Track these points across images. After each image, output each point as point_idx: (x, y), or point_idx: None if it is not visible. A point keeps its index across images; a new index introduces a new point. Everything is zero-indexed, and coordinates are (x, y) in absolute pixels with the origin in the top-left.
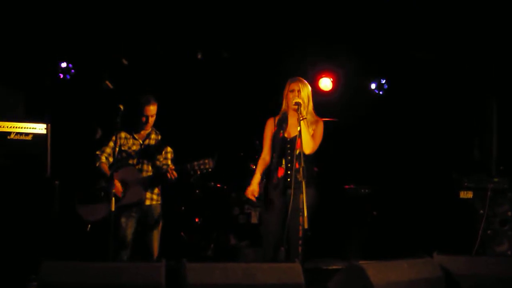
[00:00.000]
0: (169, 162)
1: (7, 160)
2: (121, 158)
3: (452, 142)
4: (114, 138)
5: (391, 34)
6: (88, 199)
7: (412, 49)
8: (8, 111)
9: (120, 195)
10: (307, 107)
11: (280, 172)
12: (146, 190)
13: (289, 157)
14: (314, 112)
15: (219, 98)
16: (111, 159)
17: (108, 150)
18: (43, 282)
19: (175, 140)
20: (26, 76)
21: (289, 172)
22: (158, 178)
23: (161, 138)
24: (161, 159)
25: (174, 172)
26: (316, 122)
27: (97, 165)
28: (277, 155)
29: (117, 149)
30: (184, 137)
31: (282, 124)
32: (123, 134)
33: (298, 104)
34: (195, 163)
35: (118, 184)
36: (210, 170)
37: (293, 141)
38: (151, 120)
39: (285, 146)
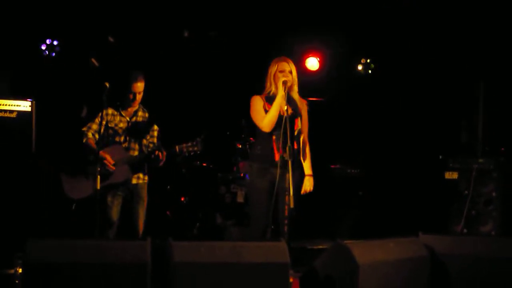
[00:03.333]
0: (155, 140)
1: None
2: (108, 135)
3: (439, 124)
4: (100, 114)
5: (379, 14)
6: (74, 177)
7: (400, 31)
8: None
9: (112, 167)
10: (296, 88)
11: (281, 150)
12: (133, 170)
13: (282, 135)
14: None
15: (206, 77)
16: (97, 136)
17: (95, 126)
18: (29, 260)
19: (161, 119)
20: (11, 54)
21: (283, 151)
22: (145, 158)
23: (148, 116)
24: (148, 137)
25: (164, 152)
26: (302, 103)
27: (84, 141)
28: (278, 132)
29: (104, 123)
30: (170, 116)
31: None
32: (110, 111)
33: (285, 82)
34: (184, 145)
35: (108, 157)
36: (198, 152)
37: (289, 119)
38: (139, 97)
39: (281, 125)
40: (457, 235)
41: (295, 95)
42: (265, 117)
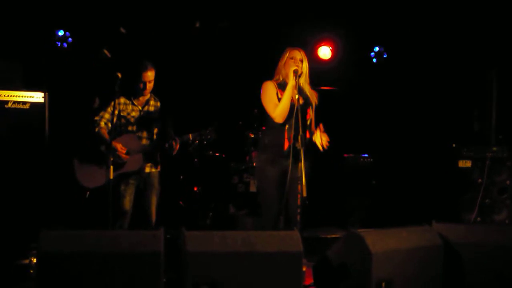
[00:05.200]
0: (168, 129)
1: (4, 129)
2: (120, 124)
3: (452, 112)
4: (113, 103)
5: (391, 2)
6: (88, 166)
7: (412, 19)
8: (6, 80)
9: (125, 156)
10: (307, 77)
11: (292, 140)
12: (146, 158)
13: (294, 124)
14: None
15: (218, 67)
16: (110, 125)
17: (107, 115)
18: (43, 250)
19: (174, 108)
20: (24, 45)
21: (294, 140)
22: (159, 147)
23: (160, 105)
24: (160, 126)
25: (178, 140)
26: (312, 94)
27: (96, 130)
28: (287, 122)
29: (116, 112)
30: (183, 105)
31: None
32: (122, 100)
33: (295, 71)
34: (197, 133)
35: (119, 147)
36: (211, 140)
37: (300, 108)
38: (149, 86)
39: (292, 113)
40: (470, 223)
41: (305, 85)
42: (277, 107)
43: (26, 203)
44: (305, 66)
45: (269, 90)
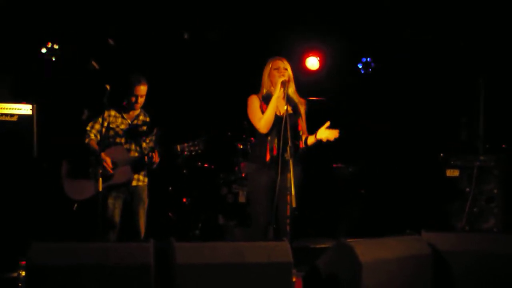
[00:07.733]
0: (153, 144)
1: None
2: (108, 136)
3: (439, 122)
4: (102, 115)
5: (379, 12)
6: (76, 178)
7: (401, 29)
8: None
9: (110, 171)
10: (293, 86)
11: (275, 150)
12: (134, 171)
13: (282, 135)
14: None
15: (206, 78)
16: (99, 136)
17: (98, 126)
18: (32, 263)
19: (163, 120)
20: (11, 57)
21: (280, 150)
22: (141, 160)
23: (149, 120)
24: (147, 141)
25: (156, 151)
26: (300, 102)
27: (86, 141)
28: (272, 133)
29: (105, 124)
30: (172, 117)
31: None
32: (112, 112)
33: (283, 83)
34: (185, 144)
35: (108, 160)
36: (199, 152)
37: (290, 119)
38: (141, 100)
39: (277, 124)
40: (459, 232)
41: (293, 93)
42: (261, 118)
43: (15, 215)
44: (290, 74)
45: (253, 104)
